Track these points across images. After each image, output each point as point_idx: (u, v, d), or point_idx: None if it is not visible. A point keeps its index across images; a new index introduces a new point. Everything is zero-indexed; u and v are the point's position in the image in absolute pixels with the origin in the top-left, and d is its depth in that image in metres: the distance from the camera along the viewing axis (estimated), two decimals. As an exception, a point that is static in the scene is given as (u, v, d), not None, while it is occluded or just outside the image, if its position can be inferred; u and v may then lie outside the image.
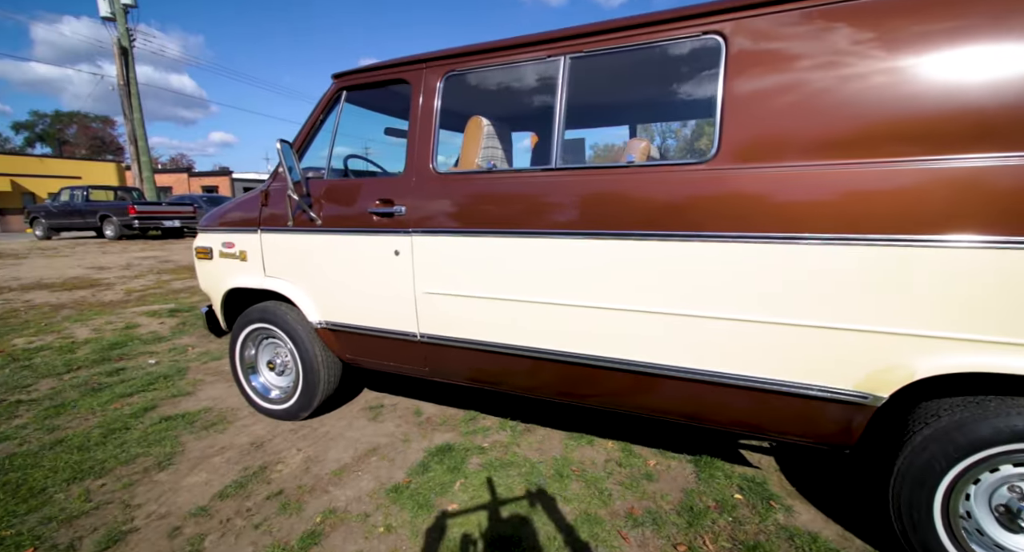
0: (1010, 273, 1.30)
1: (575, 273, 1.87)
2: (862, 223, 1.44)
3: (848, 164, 1.47)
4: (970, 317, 1.36)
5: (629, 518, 1.91)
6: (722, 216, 1.62)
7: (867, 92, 1.45)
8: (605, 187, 1.82)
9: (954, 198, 1.35)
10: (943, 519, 1.49)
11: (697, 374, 1.74)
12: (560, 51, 1.92)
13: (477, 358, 2.18)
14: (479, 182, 2.08)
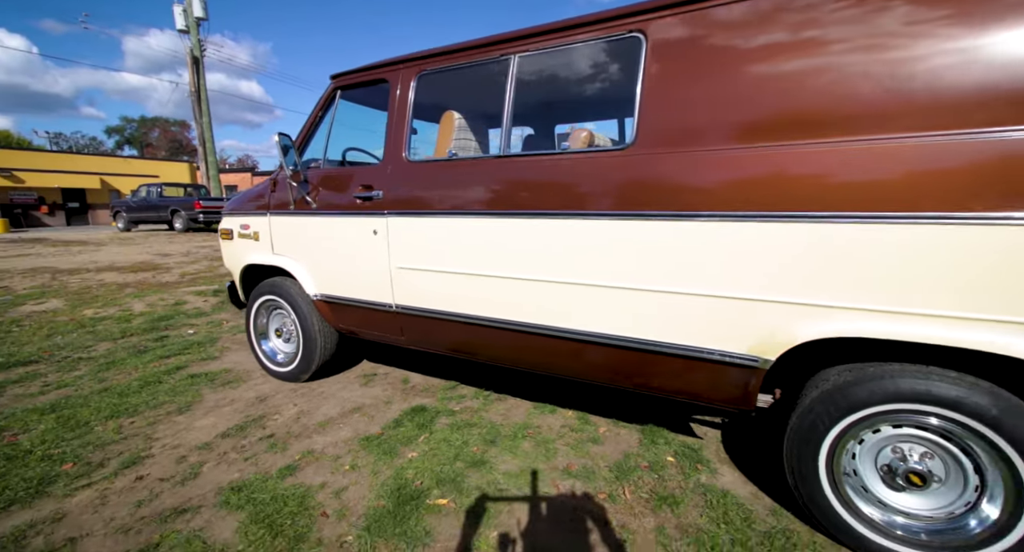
0: (873, 246, 1.41)
1: (519, 249, 2.08)
2: (749, 201, 1.58)
3: (741, 148, 1.60)
4: (840, 287, 1.47)
5: (565, 472, 2.12)
6: (638, 196, 1.79)
7: (758, 86, 1.58)
8: (542, 172, 2.03)
9: (820, 180, 1.47)
10: (828, 474, 1.61)
11: (626, 341, 1.92)
12: (510, 51, 2.14)
13: (442, 327, 2.44)
14: (442, 169, 2.34)
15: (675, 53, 1.74)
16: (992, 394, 1.36)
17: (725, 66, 1.64)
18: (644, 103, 1.79)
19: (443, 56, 2.34)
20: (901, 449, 1.55)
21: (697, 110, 1.69)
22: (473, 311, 2.28)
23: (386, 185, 2.45)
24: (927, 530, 1.52)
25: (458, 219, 2.23)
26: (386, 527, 1.74)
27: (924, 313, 1.38)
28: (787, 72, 1.54)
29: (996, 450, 1.37)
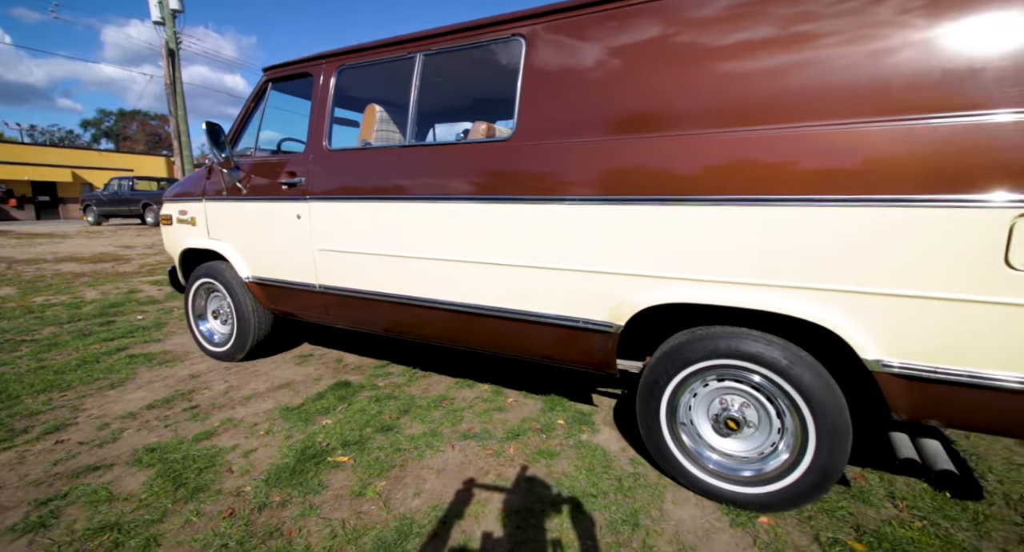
0: (693, 224, 1.64)
1: (417, 231, 2.27)
2: (604, 186, 1.80)
3: (601, 140, 1.82)
4: (669, 260, 1.70)
5: (464, 434, 2.32)
6: (516, 182, 2.00)
7: (616, 85, 1.80)
8: (441, 160, 2.23)
9: (658, 168, 1.70)
10: (668, 425, 1.84)
11: (509, 313, 2.12)
12: (416, 49, 2.33)
13: (358, 304, 2.62)
14: (356, 157, 2.52)
15: (548, 55, 1.95)
16: (784, 348, 1.61)
17: (588, 67, 1.86)
18: (522, 99, 2.00)
19: (360, 52, 2.52)
20: (725, 400, 1.79)
21: (564, 105, 1.91)
22: (381, 289, 2.47)
23: (308, 172, 2.62)
24: (742, 467, 1.76)
25: (368, 204, 2.41)
26: (283, 479, 1.92)
27: (731, 281, 1.62)
28: (640, 74, 1.76)
29: (788, 397, 1.62)
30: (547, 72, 1.94)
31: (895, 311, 1.41)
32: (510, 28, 2.05)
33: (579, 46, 1.87)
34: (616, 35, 1.79)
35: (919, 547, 1.56)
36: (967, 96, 1.30)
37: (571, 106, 1.88)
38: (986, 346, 1.33)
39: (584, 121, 1.85)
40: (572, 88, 1.88)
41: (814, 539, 1.61)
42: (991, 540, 1.60)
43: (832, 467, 1.58)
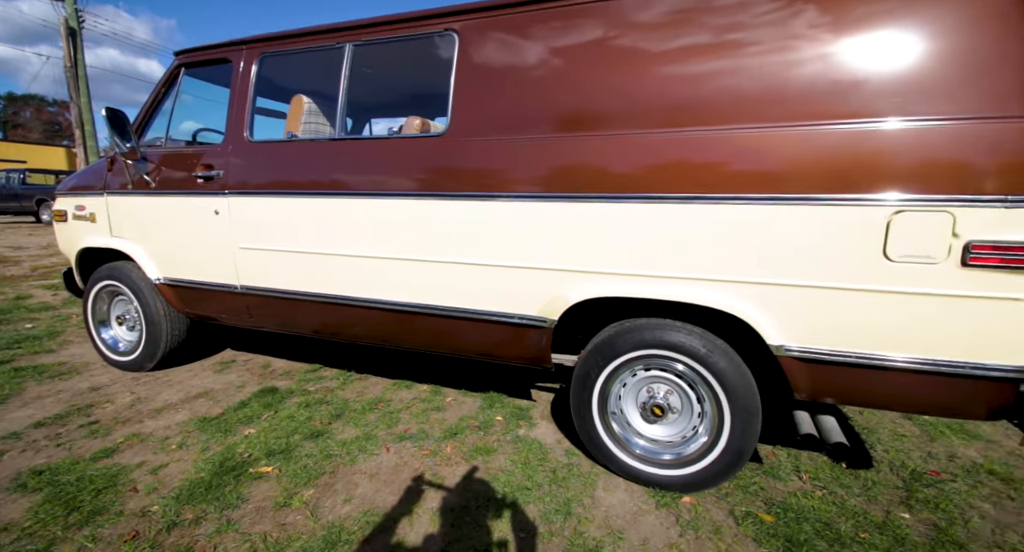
0: (617, 222, 1.71)
1: (350, 228, 2.19)
2: (536, 183, 1.83)
3: (530, 138, 1.84)
4: (598, 255, 1.76)
5: (400, 436, 2.26)
6: (449, 179, 1.98)
7: (546, 84, 1.83)
8: (371, 155, 2.17)
9: (581, 169, 1.76)
10: (600, 415, 1.90)
11: (443, 310, 2.10)
12: (345, 39, 2.25)
13: (284, 306, 2.48)
14: (281, 150, 2.39)
15: (481, 51, 1.95)
16: (702, 337, 1.71)
17: (522, 65, 1.87)
18: (456, 94, 1.99)
19: (284, 40, 2.39)
20: (652, 389, 1.87)
21: (497, 102, 1.91)
22: (310, 288, 2.35)
23: (227, 165, 2.45)
24: (666, 452, 1.85)
25: (296, 199, 2.29)
26: (197, 495, 1.77)
27: (655, 275, 1.70)
28: (571, 75, 1.80)
29: (707, 383, 1.73)
30: (480, 68, 1.94)
31: (795, 300, 1.55)
32: (443, 22, 2.03)
33: (513, 43, 1.89)
34: (551, 35, 1.83)
35: (819, 514, 1.72)
36: (853, 105, 1.45)
37: (504, 103, 1.89)
38: (871, 330, 1.49)
39: (518, 119, 1.87)
40: (505, 85, 1.90)
41: (729, 514, 1.72)
42: (877, 503, 1.80)
43: (745, 447, 1.70)
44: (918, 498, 1.82)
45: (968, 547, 1.57)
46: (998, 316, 1.36)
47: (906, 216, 1.39)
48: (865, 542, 1.58)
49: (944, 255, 1.37)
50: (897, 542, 1.59)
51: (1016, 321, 1.35)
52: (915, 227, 1.39)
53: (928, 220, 1.37)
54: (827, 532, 1.63)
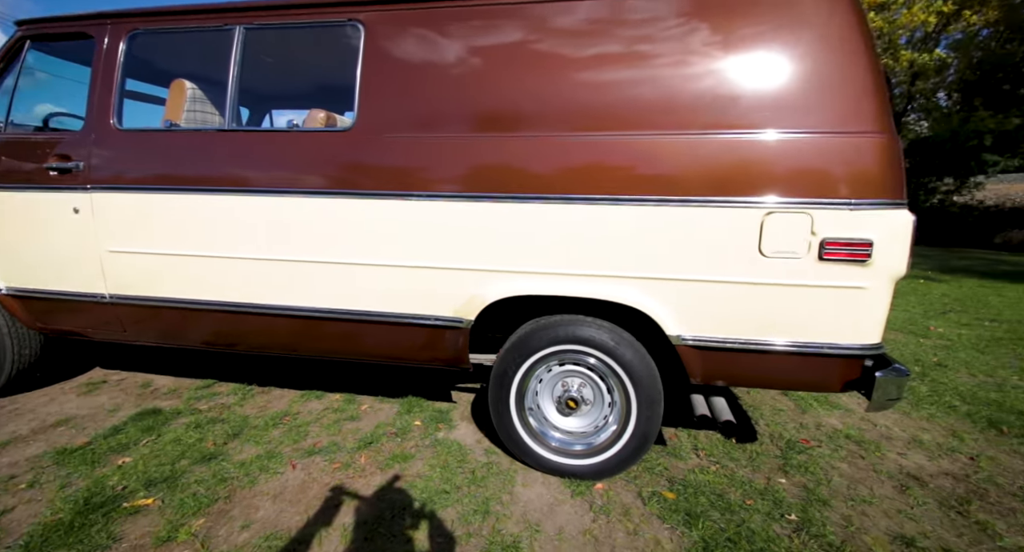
0: (531, 221, 1.75)
1: (242, 228, 2.00)
2: (447, 184, 1.80)
3: (444, 137, 1.82)
4: (513, 255, 1.79)
5: (309, 451, 2.11)
6: (361, 176, 1.89)
7: (454, 84, 1.82)
8: (268, 149, 2.00)
9: (494, 169, 1.77)
10: (517, 411, 1.93)
11: (355, 314, 1.99)
12: (235, 21, 2.05)
13: (169, 316, 2.21)
14: (159, 140, 2.12)
15: (391, 44, 1.88)
16: (611, 331, 1.81)
17: (434, 62, 1.84)
18: (363, 89, 1.90)
19: (160, 17, 2.12)
20: (567, 382, 1.94)
21: (409, 99, 1.86)
22: (198, 295, 2.11)
23: (89, 155, 2.11)
24: (579, 442, 1.93)
25: (180, 196, 2.04)
26: (54, 540, 1.51)
27: (566, 273, 1.76)
28: (483, 74, 1.80)
29: (615, 374, 1.82)
30: (390, 63, 1.87)
31: (688, 294, 1.69)
32: (347, 11, 1.93)
33: (427, 39, 1.85)
34: (468, 34, 1.81)
35: (713, 486, 1.89)
36: (732, 117, 1.61)
37: (416, 100, 1.84)
38: (752, 318, 1.67)
39: (430, 116, 1.83)
40: (417, 82, 1.85)
41: (638, 495, 1.84)
42: (761, 472, 2.02)
43: (650, 432, 1.83)
44: (792, 464, 2.08)
45: (830, 502, 1.82)
46: (847, 302, 1.59)
47: (776, 217, 1.58)
48: (751, 508, 1.77)
49: (805, 251, 1.58)
50: (776, 505, 1.80)
51: (860, 306, 1.59)
52: (783, 227, 1.58)
53: (793, 220, 1.57)
54: (720, 502, 1.79)
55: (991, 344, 3.97)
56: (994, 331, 4.41)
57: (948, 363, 3.45)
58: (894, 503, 1.83)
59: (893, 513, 1.77)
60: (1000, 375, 3.22)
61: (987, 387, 3.00)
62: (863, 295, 1.58)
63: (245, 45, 2.06)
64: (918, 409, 2.68)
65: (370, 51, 1.89)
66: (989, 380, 3.13)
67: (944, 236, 15.55)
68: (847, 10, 1.56)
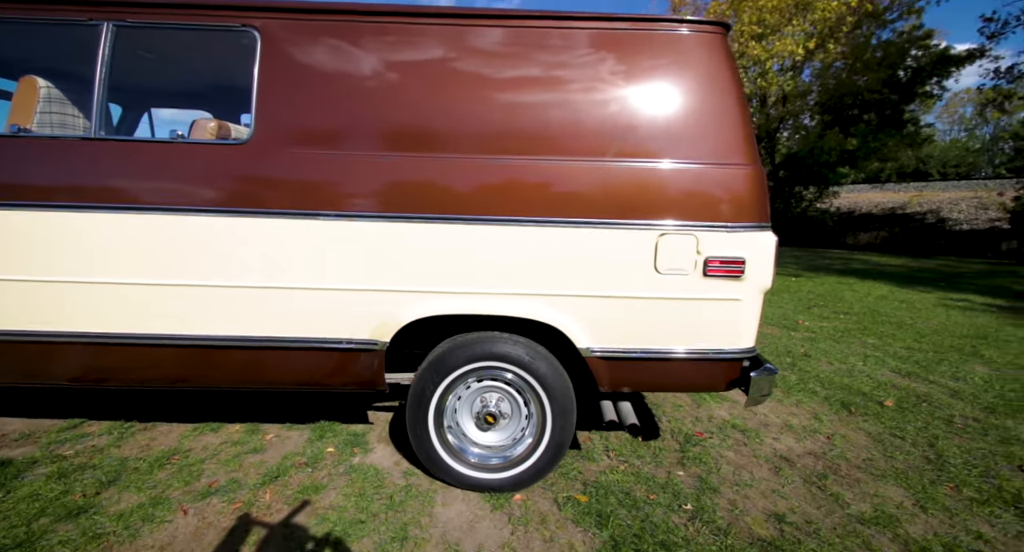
0: (443, 242, 1.75)
1: (120, 250, 1.77)
2: (359, 203, 1.75)
3: (355, 154, 1.76)
4: (427, 275, 1.78)
5: (204, 492, 1.92)
6: (261, 192, 1.76)
7: (364, 99, 1.77)
8: (150, 161, 1.79)
9: (407, 189, 1.76)
10: (436, 430, 1.92)
11: (258, 341, 1.85)
12: (103, 16, 1.81)
13: (20, 352, 1.89)
14: (6, 147, 1.81)
15: (292, 55, 1.78)
16: (526, 346, 1.87)
17: (344, 76, 1.77)
18: (261, 99, 1.78)
19: (5, 3, 1.81)
20: (485, 398, 1.97)
21: (315, 113, 1.78)
22: (62, 327, 1.84)
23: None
24: (497, 456, 1.98)
25: (28, 213, 1.76)
26: None
27: (480, 292, 1.79)
28: (391, 90, 1.77)
29: (531, 387, 1.89)
30: (293, 74, 1.78)
31: (595, 309, 1.80)
32: (240, 17, 1.80)
33: (334, 51, 1.77)
34: (382, 49, 1.77)
35: (621, 486, 2.03)
36: (630, 146, 1.75)
37: (323, 115, 1.77)
38: (651, 330, 1.83)
39: (339, 132, 1.77)
40: (323, 95, 1.77)
41: (553, 501, 1.92)
42: (662, 466, 2.21)
43: (564, 440, 1.92)
44: (689, 457, 2.30)
45: (719, 489, 2.04)
46: (727, 312, 1.80)
47: (668, 238, 1.75)
48: (653, 502, 1.93)
49: (692, 268, 1.76)
50: (675, 497, 1.98)
51: (738, 315, 1.81)
52: (674, 246, 1.75)
53: (682, 241, 1.75)
54: (627, 500, 1.93)
55: (845, 334, 4.69)
56: (847, 323, 5.21)
57: (812, 353, 4.02)
58: (770, 484, 2.10)
59: (769, 493, 2.03)
60: (850, 362, 3.82)
61: (840, 373, 3.55)
62: (739, 306, 1.79)
63: (116, 43, 1.83)
64: (789, 396, 3.09)
65: (268, 60, 1.78)
66: (842, 367, 3.70)
67: (811, 238, 18.05)
68: (721, 53, 1.78)
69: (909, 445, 2.47)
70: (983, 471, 2.23)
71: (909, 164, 29.74)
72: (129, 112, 3.09)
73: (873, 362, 3.83)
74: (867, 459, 2.33)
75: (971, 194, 18.93)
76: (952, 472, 2.22)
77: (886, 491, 2.07)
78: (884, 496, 2.03)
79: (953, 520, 1.88)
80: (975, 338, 4.67)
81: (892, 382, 3.39)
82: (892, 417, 2.79)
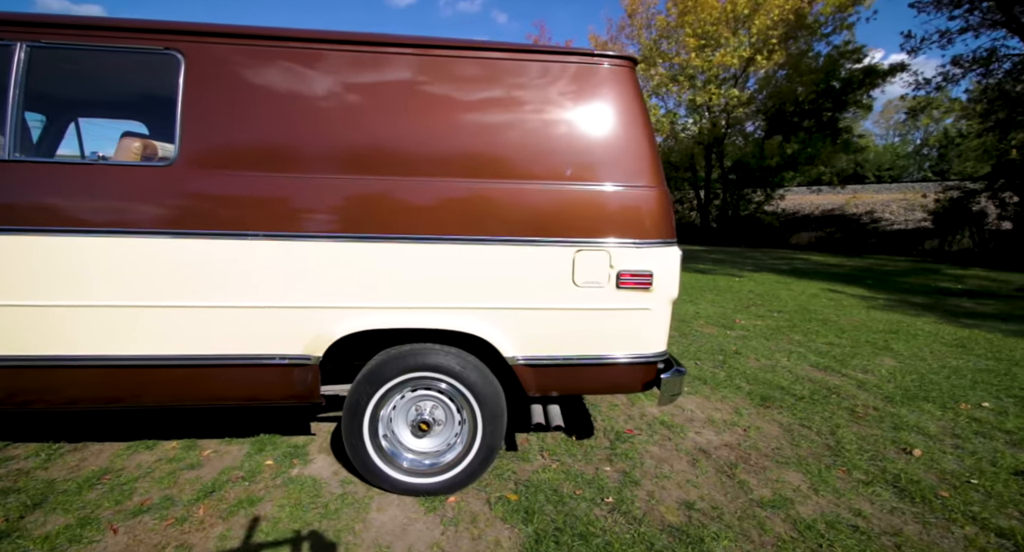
0: (372, 259, 1.84)
1: (41, 272, 1.76)
2: (287, 224, 1.81)
3: (280, 176, 1.81)
4: (354, 292, 1.86)
5: (136, 510, 1.92)
6: (183, 214, 1.79)
7: (288, 121, 1.83)
8: (67, 182, 1.78)
9: (336, 208, 1.84)
10: (371, 439, 2.00)
11: (190, 359, 1.87)
12: (14, 36, 1.79)
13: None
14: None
15: (216, 78, 1.82)
16: (457, 356, 1.98)
17: (264, 99, 1.82)
18: (185, 122, 1.80)
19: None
20: (420, 407, 2.07)
21: (238, 135, 1.82)
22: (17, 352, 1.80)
23: None
24: (432, 461, 2.08)
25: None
26: None
27: (410, 306, 1.89)
28: (315, 114, 1.84)
29: (463, 396, 2.00)
30: (218, 96, 1.81)
31: (519, 320, 1.93)
32: (164, 40, 1.82)
33: (258, 75, 1.82)
34: (293, 73, 1.83)
35: (551, 483, 2.17)
36: (549, 168, 1.89)
37: (249, 137, 1.82)
38: (572, 338, 1.97)
39: (265, 154, 1.81)
40: (250, 118, 1.82)
41: (486, 502, 2.04)
42: (591, 463, 2.37)
43: (494, 444, 2.04)
44: (617, 453, 2.47)
45: (640, 482, 2.22)
46: (639, 321, 1.97)
47: (584, 253, 1.90)
48: (579, 497, 2.08)
49: (607, 281, 1.92)
50: (599, 491, 2.14)
51: (649, 323, 1.99)
52: (590, 261, 1.90)
53: (596, 256, 1.90)
54: (554, 496, 2.08)
55: (775, 332, 5.06)
56: (779, 321, 5.61)
57: (742, 351, 4.32)
58: (685, 475, 2.29)
59: (684, 483, 2.22)
60: (776, 358, 4.14)
61: (765, 369, 3.85)
62: (650, 314, 1.97)
63: (31, 64, 1.81)
64: (716, 392, 3.34)
65: (192, 83, 1.81)
66: (768, 363, 4.01)
67: (759, 238, 19.05)
68: (629, 84, 1.95)
69: (814, 434, 2.74)
70: (872, 455, 2.52)
71: (848, 168, 31.89)
72: (52, 123, 2.98)
73: (796, 358, 4.17)
74: (776, 448, 2.57)
75: (901, 196, 20.53)
76: (846, 457, 2.49)
77: (787, 476, 2.30)
78: (784, 481, 2.26)
79: (840, 500, 2.13)
80: (888, 333, 5.14)
81: (809, 376, 3.71)
82: (803, 409, 3.07)
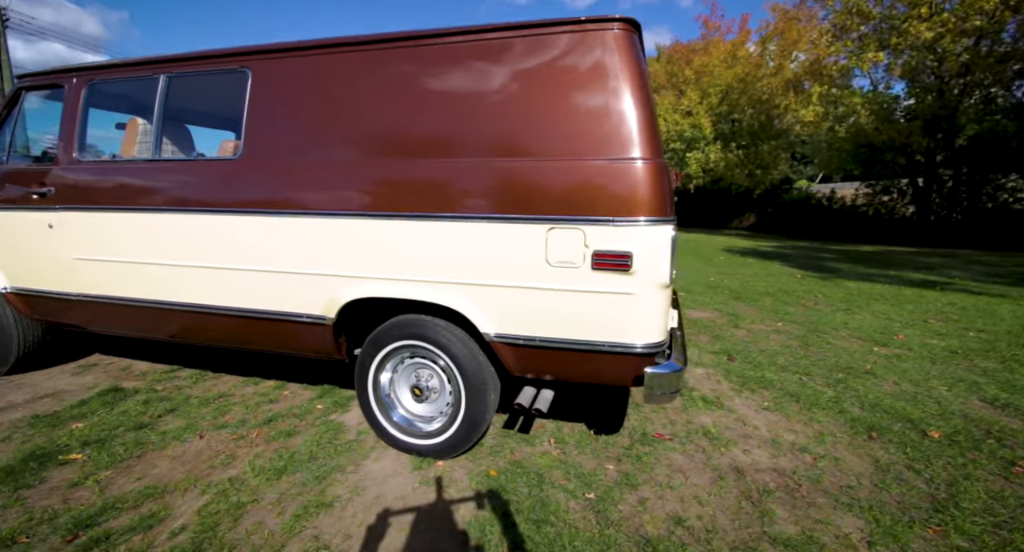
0: (374, 235, 2.06)
1: (164, 240, 2.45)
2: (311, 203, 2.16)
3: (307, 162, 2.18)
4: (361, 263, 2.11)
5: (221, 425, 2.53)
6: (245, 196, 2.29)
7: (317, 120, 2.18)
8: (182, 174, 2.44)
9: (345, 189, 2.11)
10: (374, 394, 2.25)
11: (244, 311, 2.39)
12: (159, 71, 2.51)
13: (118, 311, 2.71)
14: (106, 168, 2.62)
15: (270, 87, 2.27)
16: (445, 328, 2.09)
17: (301, 100, 2.21)
18: (249, 123, 2.29)
19: (109, 69, 2.62)
20: (419, 373, 2.24)
21: (284, 131, 2.24)
22: (138, 295, 2.60)
23: (58, 182, 2.65)
24: (422, 423, 2.23)
25: (121, 214, 2.53)
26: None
27: (403, 279, 2.06)
28: (347, 109, 2.15)
29: (449, 367, 2.10)
30: (270, 101, 2.26)
31: (495, 297, 1.94)
32: (237, 60, 2.33)
33: (298, 82, 2.22)
34: (326, 77, 2.17)
35: (538, 467, 2.12)
36: (520, 144, 1.86)
37: (284, 132, 2.22)
38: (546, 319, 1.90)
39: (297, 146, 2.19)
40: (287, 117, 2.22)
41: (468, 472, 2.10)
42: (597, 459, 2.22)
43: (476, 418, 2.09)
44: (631, 455, 2.26)
45: (638, 487, 2.00)
46: (618, 306, 1.79)
47: (557, 232, 1.81)
48: (561, 486, 1.99)
49: (581, 261, 1.79)
50: (586, 486, 2.01)
51: (631, 309, 1.79)
52: (563, 240, 1.80)
53: (570, 235, 1.79)
54: (534, 480, 2.03)
55: (952, 355, 3.84)
56: (968, 342, 4.22)
57: (880, 372, 3.42)
58: (697, 490, 1.99)
59: (688, 498, 1.94)
60: (930, 386, 3.18)
61: (901, 396, 2.99)
62: (632, 300, 1.77)
63: (168, 89, 2.51)
64: (806, 412, 2.74)
65: (254, 92, 2.28)
66: (911, 390, 3.10)
67: (1011, 238, 14.29)
68: (619, 51, 1.77)
69: (921, 481, 2.08)
70: (996, 524, 1.80)
71: None
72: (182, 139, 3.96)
73: (964, 388, 3.13)
74: (846, 486, 2.04)
75: None
76: (952, 516, 1.84)
77: (838, 519, 1.82)
78: (830, 523, 1.79)
79: None
80: None
81: (967, 412, 2.76)
82: (927, 448, 2.33)
